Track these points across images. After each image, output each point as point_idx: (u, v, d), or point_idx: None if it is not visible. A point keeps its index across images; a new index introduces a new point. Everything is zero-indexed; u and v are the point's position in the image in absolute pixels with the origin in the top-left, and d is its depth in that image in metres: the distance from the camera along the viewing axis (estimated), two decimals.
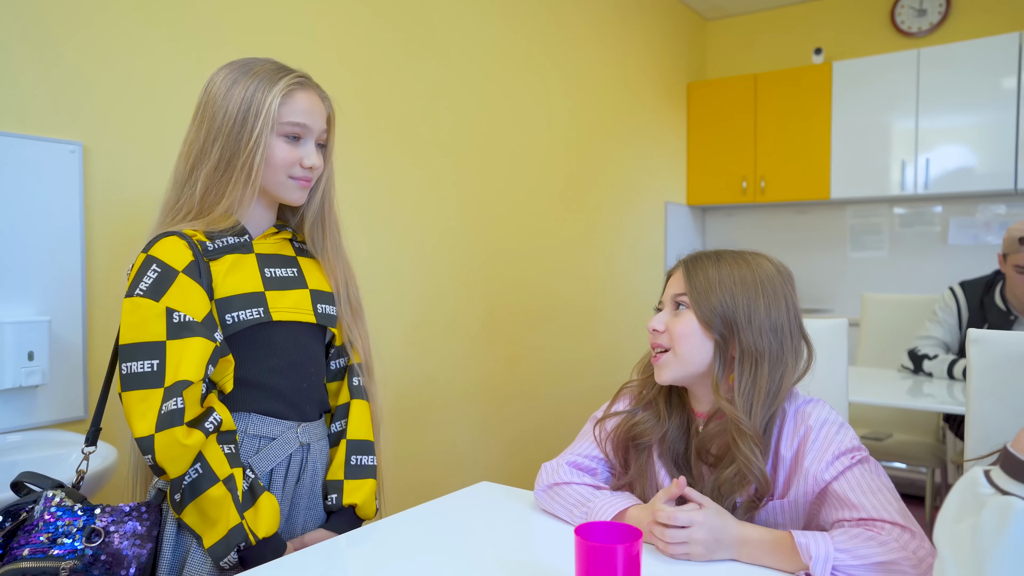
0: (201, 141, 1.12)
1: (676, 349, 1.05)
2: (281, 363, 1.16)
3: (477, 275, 2.76)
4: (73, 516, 1.00)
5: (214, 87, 1.13)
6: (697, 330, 1.03)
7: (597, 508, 1.03)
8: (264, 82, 1.12)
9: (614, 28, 3.57)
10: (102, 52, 1.61)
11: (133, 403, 1.02)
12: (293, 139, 1.15)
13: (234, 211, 1.14)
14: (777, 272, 1.06)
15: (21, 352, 1.43)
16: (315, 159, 1.16)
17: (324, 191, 1.24)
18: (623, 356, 3.68)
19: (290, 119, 1.13)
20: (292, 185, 1.17)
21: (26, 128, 1.48)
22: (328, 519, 1.24)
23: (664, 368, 1.06)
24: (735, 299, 1.02)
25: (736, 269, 1.04)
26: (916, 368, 2.52)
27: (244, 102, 1.10)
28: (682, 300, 1.06)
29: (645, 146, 3.88)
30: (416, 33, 2.46)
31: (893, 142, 3.69)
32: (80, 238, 1.56)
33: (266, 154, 1.12)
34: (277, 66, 1.16)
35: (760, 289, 1.03)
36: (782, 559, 0.90)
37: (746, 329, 1.01)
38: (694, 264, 1.07)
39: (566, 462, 1.13)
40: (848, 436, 1.00)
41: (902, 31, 3.90)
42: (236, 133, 1.10)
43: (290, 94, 1.13)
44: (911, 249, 3.94)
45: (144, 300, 1.04)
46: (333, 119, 1.23)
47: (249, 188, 1.13)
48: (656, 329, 1.07)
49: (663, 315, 1.08)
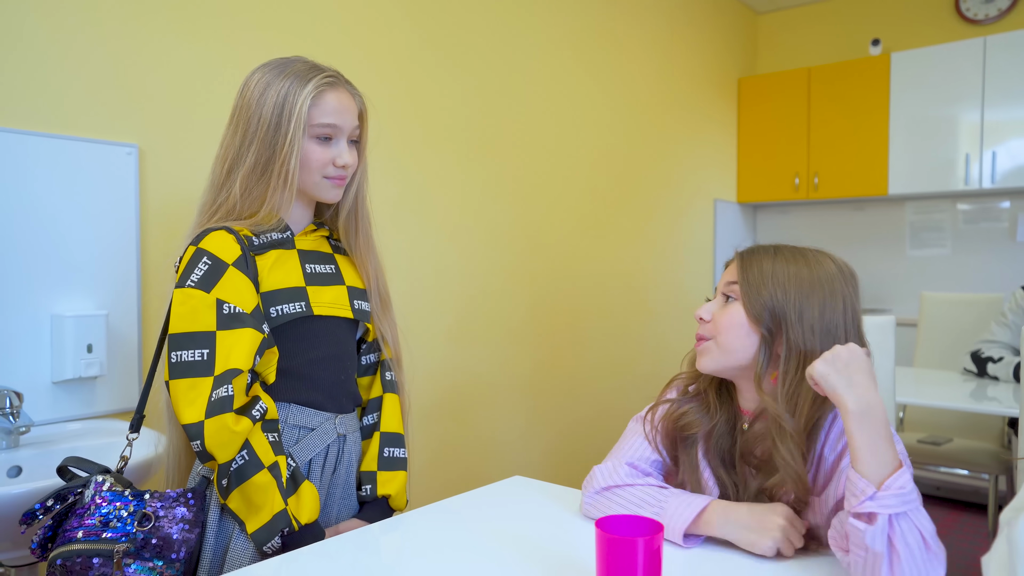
0: (237, 145, 1.15)
1: (719, 339, 1.02)
2: (320, 355, 1.19)
3: (523, 271, 2.77)
4: (124, 500, 1.04)
5: (248, 91, 1.16)
6: (743, 322, 1.00)
7: (671, 509, 0.97)
8: (295, 84, 1.14)
9: (663, 24, 3.53)
10: (157, 56, 1.68)
11: (182, 391, 1.05)
12: (325, 140, 1.17)
13: (275, 212, 1.17)
14: (839, 272, 1.01)
15: (80, 345, 1.50)
16: (347, 157, 1.18)
17: (358, 186, 1.26)
18: (671, 355, 3.62)
19: (320, 120, 1.15)
20: (327, 185, 1.19)
21: (85, 131, 1.56)
22: (361, 509, 1.27)
23: (704, 355, 1.04)
24: (787, 294, 0.98)
25: (793, 264, 1.01)
26: (980, 371, 2.41)
27: (277, 106, 1.13)
28: (732, 291, 1.03)
29: (694, 143, 3.82)
30: (464, 31, 2.48)
31: (957, 135, 3.54)
32: (136, 236, 1.63)
33: (300, 156, 1.15)
34: (308, 66, 1.18)
35: (817, 287, 0.98)
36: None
37: (795, 326, 0.97)
38: (749, 255, 1.04)
39: (625, 462, 1.08)
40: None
41: (967, 18, 3.73)
42: (271, 137, 1.13)
43: (320, 95, 1.15)
44: (976, 246, 3.76)
45: (195, 291, 1.07)
46: (365, 115, 1.25)
47: (288, 191, 1.16)
48: (702, 318, 1.05)
49: (711, 304, 1.06)
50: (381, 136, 2.23)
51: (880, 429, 0.83)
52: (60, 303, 1.51)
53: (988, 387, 2.29)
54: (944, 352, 2.79)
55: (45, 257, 1.49)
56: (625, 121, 3.31)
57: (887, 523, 0.79)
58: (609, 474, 1.07)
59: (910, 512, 0.80)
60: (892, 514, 0.79)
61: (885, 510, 0.79)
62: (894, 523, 0.79)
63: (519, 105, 2.73)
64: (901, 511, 0.79)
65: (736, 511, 0.96)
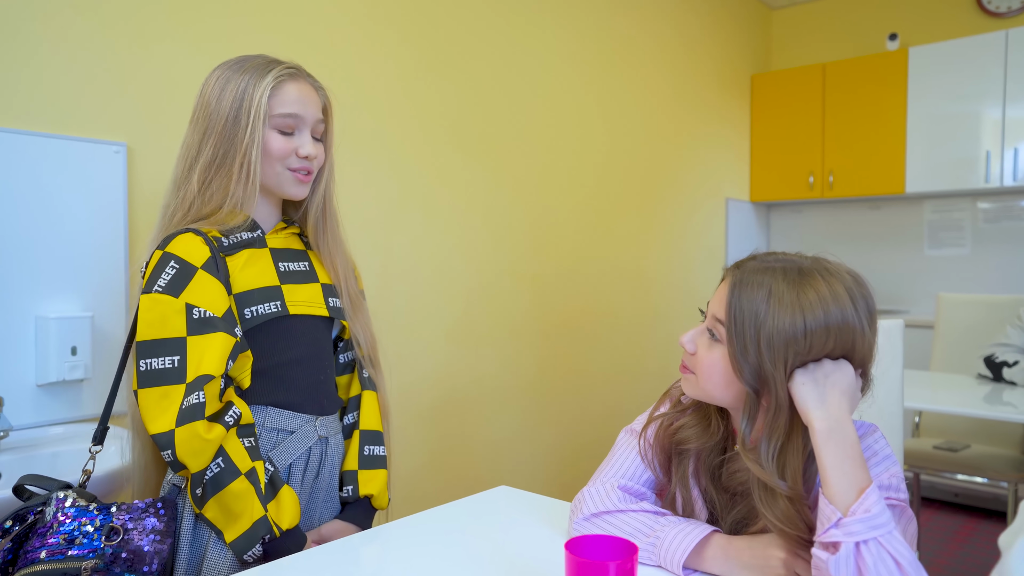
0: (197, 141, 1.13)
1: (700, 379, 0.92)
2: (297, 355, 1.16)
3: (527, 270, 2.72)
4: (89, 515, 1.00)
5: (207, 88, 1.14)
6: (726, 371, 0.88)
7: (667, 541, 0.88)
8: (254, 76, 1.12)
9: (674, 20, 3.46)
10: (146, 54, 1.65)
11: (153, 400, 1.02)
12: (287, 133, 1.15)
13: (239, 209, 1.14)
14: (853, 312, 0.84)
15: (64, 347, 1.48)
16: (310, 148, 1.16)
17: (325, 185, 1.23)
18: (679, 357, 3.55)
19: (280, 111, 1.13)
20: (291, 178, 1.16)
21: (72, 129, 1.53)
22: (343, 510, 1.24)
23: (687, 383, 0.95)
24: (777, 359, 0.83)
25: (791, 315, 0.82)
26: (996, 376, 2.33)
27: (236, 99, 1.11)
28: (718, 330, 0.89)
29: (706, 140, 3.75)
30: (470, 27, 2.44)
31: (977, 132, 3.43)
32: (124, 236, 1.60)
33: (261, 147, 1.12)
34: (267, 60, 1.16)
35: (816, 341, 0.83)
36: None
37: (783, 387, 0.84)
38: (742, 289, 0.86)
39: (618, 486, 0.99)
40: (889, 472, 0.86)
41: (988, 11, 3.62)
42: (230, 129, 1.11)
43: (279, 86, 1.13)
44: (996, 246, 3.65)
45: (163, 296, 1.04)
46: (330, 110, 1.22)
47: (250, 185, 1.12)
48: (686, 348, 0.94)
49: (697, 333, 0.94)
50: (380, 135, 2.20)
51: (848, 449, 0.77)
52: (44, 304, 1.49)
53: (1004, 392, 2.21)
54: (962, 355, 2.70)
55: (29, 257, 1.47)
56: (635, 118, 3.25)
57: (853, 551, 0.72)
58: (600, 499, 0.98)
59: (880, 538, 0.72)
60: (859, 541, 0.72)
61: (850, 538, 0.72)
62: (862, 551, 0.72)
63: (526, 101, 2.69)
64: (869, 537, 0.72)
65: (736, 547, 0.88)
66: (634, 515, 0.95)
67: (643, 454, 1.01)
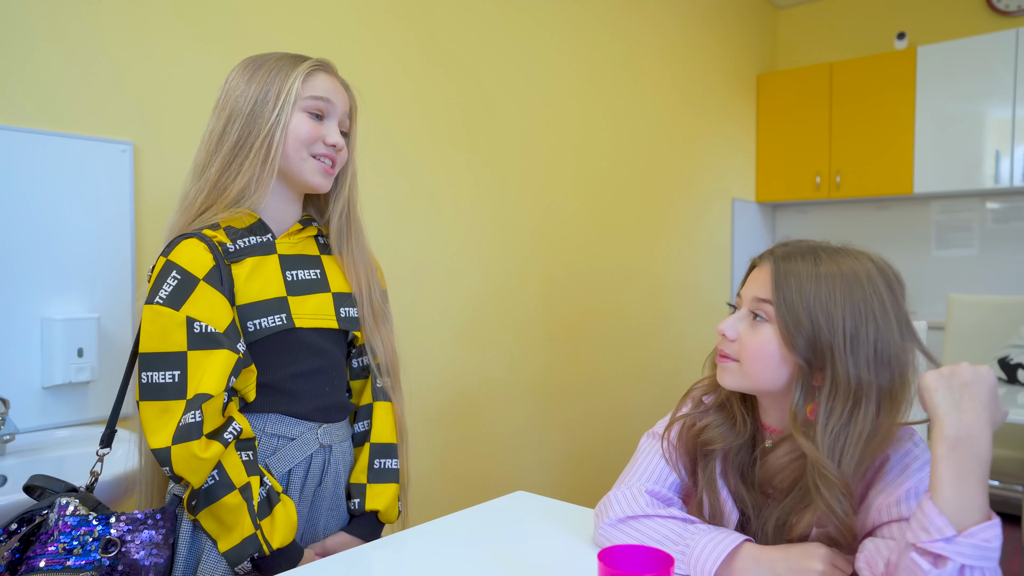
0: (221, 127, 1.10)
1: (745, 365, 0.88)
2: (303, 369, 1.13)
3: (535, 271, 2.70)
4: (89, 525, 0.98)
5: (233, 77, 1.13)
6: (776, 351, 0.85)
7: (697, 549, 0.84)
8: (286, 66, 1.11)
9: (680, 19, 3.44)
10: (152, 52, 1.63)
11: (153, 414, 1.00)
12: (316, 117, 1.12)
13: (252, 193, 1.09)
14: (886, 283, 0.85)
15: (71, 349, 1.45)
16: (338, 137, 1.13)
17: (348, 190, 1.20)
18: (688, 357, 3.54)
19: (312, 93, 1.11)
20: (315, 166, 1.13)
21: (78, 128, 1.51)
22: (350, 522, 1.21)
23: (727, 374, 0.91)
24: (835, 323, 0.81)
25: (840, 281, 0.83)
26: (1010, 378, 2.30)
27: (265, 85, 1.09)
28: (763, 310, 0.87)
29: (711, 141, 3.72)
30: (476, 27, 2.41)
31: (986, 131, 3.41)
32: (130, 236, 1.58)
33: (288, 129, 1.09)
34: (296, 55, 1.15)
35: (870, 309, 0.82)
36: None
37: (845, 359, 0.81)
38: (786, 264, 0.85)
39: (645, 490, 0.96)
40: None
41: (998, 10, 3.60)
42: (256, 113, 1.09)
43: (313, 74, 1.13)
44: (1006, 247, 3.63)
45: (164, 308, 1.01)
46: (355, 111, 1.20)
47: (268, 167, 1.09)
48: (726, 335, 0.90)
49: (737, 319, 0.90)
50: (388, 134, 2.17)
51: (975, 467, 0.71)
52: (50, 306, 1.46)
53: (1019, 394, 2.18)
54: (973, 357, 2.67)
55: (35, 258, 1.44)
56: (641, 118, 3.22)
57: (958, 572, 0.69)
58: (627, 503, 0.94)
59: (987, 570, 0.69)
60: (966, 564, 0.69)
61: (960, 558, 0.69)
62: (966, 574, 0.69)
63: (532, 102, 2.66)
64: (977, 565, 0.69)
65: (769, 558, 0.84)
66: (662, 521, 0.91)
67: (667, 456, 0.99)
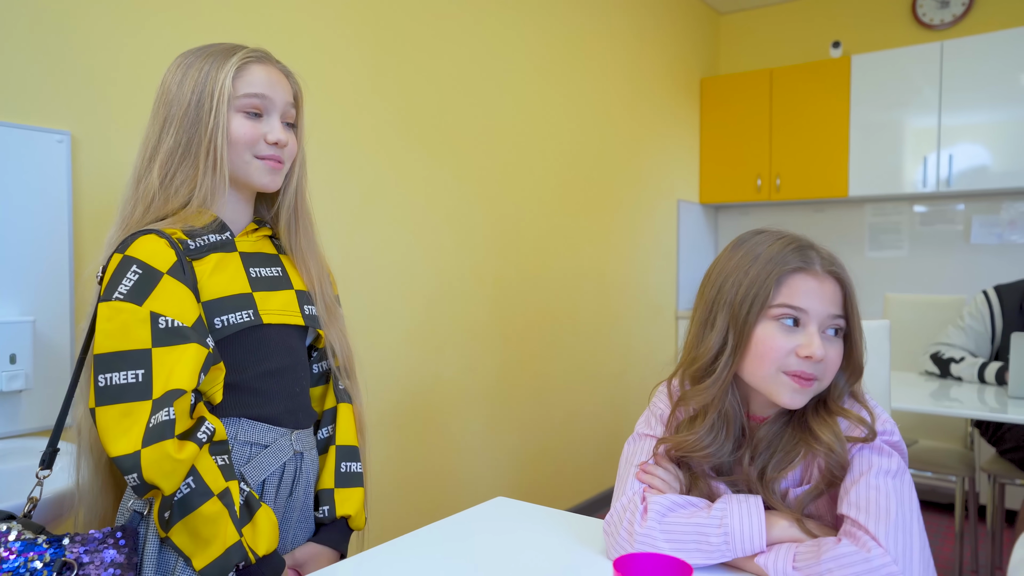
0: (158, 132, 1.04)
1: (824, 381, 0.92)
2: (273, 367, 1.08)
3: (488, 272, 2.67)
4: (38, 549, 0.90)
5: (168, 76, 1.06)
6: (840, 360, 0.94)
7: (736, 528, 0.87)
8: (217, 60, 1.05)
9: (625, 23, 3.47)
10: (92, 37, 1.52)
11: (113, 418, 0.92)
12: (254, 115, 1.06)
13: (209, 206, 1.05)
14: None
15: (2, 355, 1.34)
16: (280, 134, 1.08)
17: (297, 181, 1.15)
18: (637, 355, 3.58)
19: (246, 91, 1.05)
20: (260, 166, 1.07)
21: (10, 116, 1.39)
22: (318, 531, 1.15)
23: (805, 395, 0.91)
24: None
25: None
26: (943, 373, 2.41)
27: (198, 84, 1.03)
28: (838, 324, 0.92)
29: (657, 143, 3.77)
30: (430, 28, 2.36)
31: (914, 138, 3.58)
32: (68, 233, 1.47)
33: (228, 133, 1.04)
34: (231, 45, 1.08)
35: None
36: None
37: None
38: (844, 273, 0.95)
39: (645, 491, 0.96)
40: (897, 438, 0.92)
41: (924, 23, 3.78)
42: (193, 116, 1.03)
43: (244, 67, 1.06)
44: (932, 248, 3.82)
45: (125, 304, 0.94)
46: (301, 98, 1.14)
47: (218, 176, 1.04)
48: (817, 356, 0.89)
49: (819, 339, 0.90)
50: (343, 132, 2.10)
51: None
52: None
53: (951, 388, 2.29)
54: (908, 354, 2.79)
55: None
56: (590, 120, 3.23)
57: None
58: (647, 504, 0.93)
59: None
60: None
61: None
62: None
63: (485, 103, 2.63)
64: None
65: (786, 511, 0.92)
66: (689, 512, 0.91)
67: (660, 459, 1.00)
